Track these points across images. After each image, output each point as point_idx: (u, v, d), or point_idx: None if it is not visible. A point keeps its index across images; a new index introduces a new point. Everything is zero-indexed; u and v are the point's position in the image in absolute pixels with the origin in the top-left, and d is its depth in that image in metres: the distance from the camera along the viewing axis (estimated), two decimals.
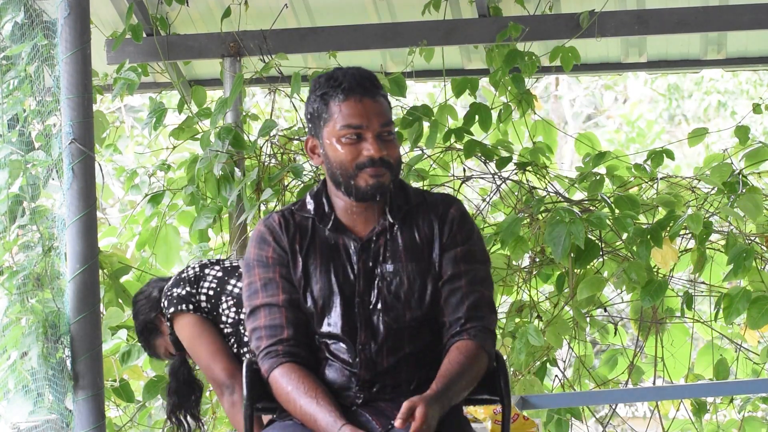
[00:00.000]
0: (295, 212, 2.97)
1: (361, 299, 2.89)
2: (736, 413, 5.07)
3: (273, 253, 2.91)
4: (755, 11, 4.94)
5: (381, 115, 2.87)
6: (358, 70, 2.91)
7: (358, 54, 5.38)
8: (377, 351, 2.88)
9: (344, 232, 2.92)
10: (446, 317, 2.90)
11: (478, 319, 2.89)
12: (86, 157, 3.87)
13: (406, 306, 2.89)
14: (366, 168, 2.85)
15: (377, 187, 2.87)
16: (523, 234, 4.85)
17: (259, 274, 2.91)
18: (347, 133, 2.85)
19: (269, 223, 2.95)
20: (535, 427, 4.07)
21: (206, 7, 5.39)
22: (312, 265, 2.91)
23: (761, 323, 4.52)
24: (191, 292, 3.62)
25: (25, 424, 3.85)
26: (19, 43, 4.01)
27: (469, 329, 2.87)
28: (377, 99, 2.88)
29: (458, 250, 2.92)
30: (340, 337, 2.88)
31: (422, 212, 2.97)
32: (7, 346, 3.87)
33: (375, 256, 2.90)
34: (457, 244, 2.93)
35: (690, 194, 5.01)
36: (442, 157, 5.20)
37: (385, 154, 2.85)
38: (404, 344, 2.89)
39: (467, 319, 2.88)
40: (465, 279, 2.90)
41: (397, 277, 2.90)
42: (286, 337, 2.86)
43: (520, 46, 5.05)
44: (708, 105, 12.29)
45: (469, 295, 2.90)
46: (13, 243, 4.05)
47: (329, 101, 2.88)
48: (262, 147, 5.15)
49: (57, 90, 3.92)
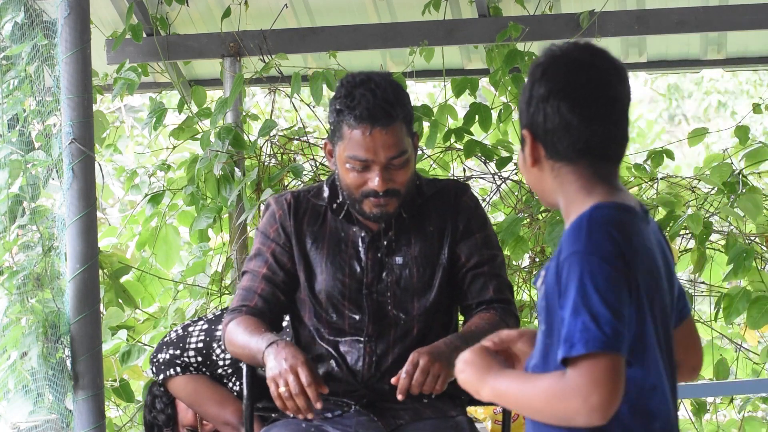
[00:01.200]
0: (310, 197, 2.97)
1: (369, 291, 2.88)
2: (736, 413, 5.07)
3: (275, 232, 2.94)
4: (755, 11, 4.94)
5: (390, 148, 2.79)
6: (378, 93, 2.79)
7: (358, 54, 5.38)
8: (384, 343, 2.87)
9: (355, 223, 2.92)
10: (470, 300, 2.92)
11: (504, 302, 2.92)
12: (86, 157, 3.87)
13: (413, 297, 2.89)
14: (370, 197, 2.83)
15: (381, 216, 2.86)
16: (523, 234, 4.85)
17: (258, 242, 2.97)
18: (353, 163, 2.81)
19: (281, 203, 2.96)
20: None
21: (206, 7, 5.39)
22: (319, 253, 2.91)
23: (761, 323, 4.52)
24: (176, 354, 3.61)
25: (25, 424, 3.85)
26: (19, 43, 4.00)
27: (496, 307, 2.89)
28: (390, 128, 2.79)
29: (477, 236, 2.94)
30: (346, 330, 2.88)
31: (433, 202, 2.96)
32: (7, 346, 3.87)
33: (384, 248, 2.90)
34: (474, 231, 2.94)
35: (690, 194, 5.00)
36: (442, 157, 5.20)
37: (390, 186, 2.83)
38: (411, 336, 2.89)
39: (493, 301, 2.90)
40: (487, 265, 2.93)
41: (406, 269, 2.90)
42: (253, 305, 2.89)
43: (520, 46, 5.05)
44: (708, 105, 12.29)
45: (492, 280, 2.93)
46: (13, 243, 4.05)
47: (342, 121, 2.81)
48: (262, 147, 5.15)
49: (57, 90, 3.92)
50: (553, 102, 2.06)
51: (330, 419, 2.87)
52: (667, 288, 2.07)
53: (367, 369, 2.87)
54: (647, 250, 2.02)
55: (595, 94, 2.07)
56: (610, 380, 1.88)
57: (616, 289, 1.92)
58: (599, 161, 2.07)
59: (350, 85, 2.82)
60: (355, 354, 2.87)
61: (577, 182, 2.07)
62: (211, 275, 5.15)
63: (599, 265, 1.93)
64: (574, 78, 2.07)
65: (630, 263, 1.95)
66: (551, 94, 2.07)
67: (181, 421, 3.79)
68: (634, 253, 1.96)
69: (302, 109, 5.24)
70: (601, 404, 1.87)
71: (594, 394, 1.87)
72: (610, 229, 1.96)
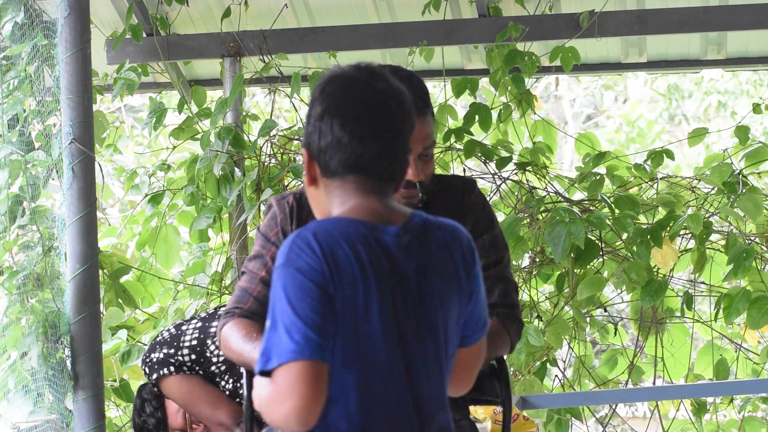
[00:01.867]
0: None
1: None
2: (736, 413, 5.07)
3: (275, 236, 2.92)
4: (755, 11, 4.94)
5: (426, 138, 2.81)
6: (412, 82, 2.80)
7: (358, 54, 5.38)
8: None
9: None
10: None
11: (508, 306, 2.91)
12: (86, 157, 3.87)
13: None
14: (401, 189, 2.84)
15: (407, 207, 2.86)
16: (523, 234, 4.85)
17: (258, 244, 2.95)
18: None
19: (282, 205, 2.95)
20: (535, 427, 4.07)
21: (206, 7, 5.39)
22: None
23: (761, 323, 4.52)
24: (169, 353, 3.59)
25: (25, 424, 3.85)
26: (19, 43, 4.01)
27: (499, 312, 2.88)
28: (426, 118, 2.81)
29: (485, 238, 2.93)
30: None
31: (440, 199, 2.96)
32: (7, 346, 3.87)
33: None
34: (481, 232, 2.93)
35: (690, 194, 5.01)
36: (442, 157, 5.20)
37: (422, 178, 2.84)
38: None
39: (497, 305, 2.89)
40: (494, 268, 2.92)
41: None
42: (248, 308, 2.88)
43: (520, 46, 5.05)
44: (708, 105, 12.29)
45: (498, 283, 2.91)
46: (13, 243, 4.05)
47: None
48: (262, 147, 5.15)
49: (57, 90, 3.92)
50: (327, 120, 2.10)
51: None
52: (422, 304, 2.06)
53: None
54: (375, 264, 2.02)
55: (368, 112, 2.08)
56: (302, 386, 1.94)
57: (309, 298, 1.97)
58: (367, 178, 2.10)
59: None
60: None
61: (340, 197, 2.11)
62: (211, 275, 5.16)
63: (293, 276, 1.99)
64: (349, 96, 2.10)
65: (333, 275, 1.99)
66: (326, 113, 2.10)
67: (171, 424, 3.77)
68: (336, 265, 1.99)
69: (302, 109, 5.24)
70: (294, 410, 1.94)
71: (287, 401, 1.94)
72: (311, 242, 2.01)
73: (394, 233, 2.07)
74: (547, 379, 5.02)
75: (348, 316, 2.00)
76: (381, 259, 2.04)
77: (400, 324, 2.04)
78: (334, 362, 1.99)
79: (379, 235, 2.06)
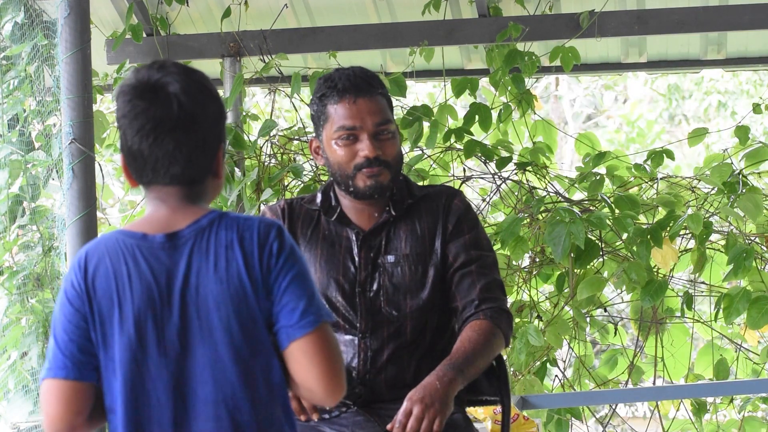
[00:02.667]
0: (304, 204, 3.01)
1: (362, 289, 2.91)
2: (736, 413, 5.06)
3: None
4: (755, 11, 4.94)
5: (376, 114, 2.89)
6: (355, 70, 2.94)
7: (358, 54, 5.38)
8: (378, 340, 2.89)
9: (348, 224, 2.96)
10: (458, 302, 2.92)
11: (492, 300, 2.91)
12: (86, 157, 3.87)
13: (406, 294, 2.91)
14: (363, 168, 2.88)
15: (375, 187, 2.89)
16: (523, 234, 4.85)
17: None
18: (342, 134, 2.89)
19: (275, 209, 3.01)
20: (535, 427, 4.07)
21: (206, 7, 5.39)
22: (313, 253, 2.95)
23: (761, 323, 4.52)
24: None
25: (25, 424, 3.85)
26: (19, 43, 4.01)
27: (484, 309, 2.89)
28: (373, 98, 2.90)
29: (466, 237, 2.95)
30: (341, 325, 2.90)
31: (425, 204, 2.99)
32: (7, 346, 3.87)
33: (377, 248, 2.94)
34: (463, 232, 2.96)
35: (690, 194, 5.00)
36: (442, 157, 5.20)
37: (380, 154, 2.88)
38: (405, 333, 2.90)
39: (481, 301, 2.90)
40: (475, 264, 2.94)
41: (398, 267, 2.92)
42: None
43: (520, 46, 5.05)
44: (708, 105, 12.29)
45: (480, 279, 2.93)
46: (13, 243, 4.06)
47: (326, 103, 2.92)
48: (262, 147, 5.15)
49: (57, 90, 3.93)
50: (120, 132, 2.13)
51: (327, 420, 2.88)
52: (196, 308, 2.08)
53: (362, 365, 2.88)
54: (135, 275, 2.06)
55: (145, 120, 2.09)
56: (49, 404, 2.07)
57: (64, 319, 2.10)
58: (163, 185, 2.12)
59: (326, 76, 2.95)
60: (350, 352, 2.89)
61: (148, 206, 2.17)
62: None
63: (60, 295, 2.11)
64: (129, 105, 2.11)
65: (90, 293, 2.07)
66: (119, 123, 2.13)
67: None
68: (94, 283, 2.07)
69: (302, 109, 5.24)
70: (48, 426, 2.08)
71: (45, 415, 2.09)
72: (81, 261, 2.10)
73: (160, 241, 2.09)
74: (547, 379, 5.02)
75: (107, 330, 2.07)
76: (142, 269, 2.07)
77: (161, 331, 2.07)
78: (105, 376, 2.08)
79: (145, 244, 2.09)
